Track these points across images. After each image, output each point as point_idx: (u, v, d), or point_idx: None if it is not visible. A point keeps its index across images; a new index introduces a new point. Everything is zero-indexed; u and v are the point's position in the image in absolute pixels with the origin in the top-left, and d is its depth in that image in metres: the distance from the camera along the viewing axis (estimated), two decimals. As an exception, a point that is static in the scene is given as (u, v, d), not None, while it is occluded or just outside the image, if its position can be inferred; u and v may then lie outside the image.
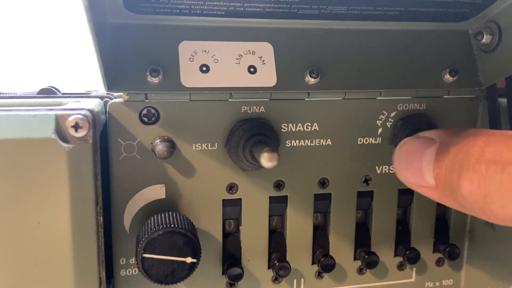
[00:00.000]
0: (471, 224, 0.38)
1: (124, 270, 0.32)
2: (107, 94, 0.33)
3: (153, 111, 0.31)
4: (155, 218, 0.30)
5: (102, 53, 0.27)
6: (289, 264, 0.34)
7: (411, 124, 0.34)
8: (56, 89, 0.33)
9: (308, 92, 0.33)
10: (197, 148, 0.32)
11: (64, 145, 0.26)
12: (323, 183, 0.35)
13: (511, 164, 0.19)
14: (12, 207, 0.26)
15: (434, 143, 0.23)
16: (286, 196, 0.34)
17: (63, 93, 0.34)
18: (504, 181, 0.19)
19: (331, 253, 0.35)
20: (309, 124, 0.34)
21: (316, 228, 0.36)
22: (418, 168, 0.24)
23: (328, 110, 0.34)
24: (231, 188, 0.33)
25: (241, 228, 0.34)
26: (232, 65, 0.32)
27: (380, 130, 0.35)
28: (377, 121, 0.35)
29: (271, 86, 0.32)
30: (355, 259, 0.37)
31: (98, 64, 0.27)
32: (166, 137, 0.31)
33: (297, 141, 0.34)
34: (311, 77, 0.32)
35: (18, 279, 0.27)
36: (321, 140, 0.34)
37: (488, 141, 0.21)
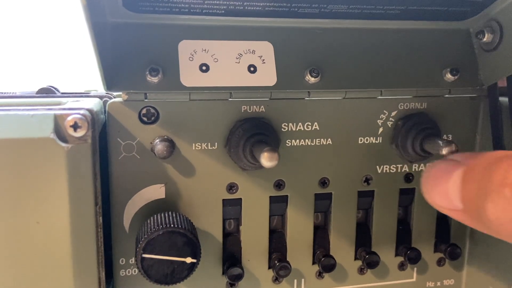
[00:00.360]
0: (472, 224, 0.38)
1: (123, 270, 0.32)
2: (106, 93, 0.33)
3: (152, 110, 0.31)
4: (155, 218, 0.30)
5: (101, 53, 0.27)
6: (289, 264, 0.34)
7: (412, 124, 0.34)
8: (55, 88, 0.33)
9: (309, 92, 0.33)
10: (197, 148, 0.32)
11: (63, 144, 0.26)
12: (323, 182, 0.35)
13: None
14: (11, 207, 0.26)
15: (460, 166, 0.23)
16: (287, 195, 0.34)
17: (62, 93, 0.33)
18: None
19: (331, 253, 0.35)
20: (310, 124, 0.34)
21: (316, 228, 0.35)
22: (444, 191, 0.24)
23: (328, 109, 0.34)
24: (231, 187, 0.33)
25: (241, 228, 0.34)
26: (232, 64, 0.32)
27: (380, 129, 0.35)
28: (378, 121, 0.35)
29: (271, 85, 0.32)
30: (355, 259, 0.36)
31: (97, 63, 0.27)
32: (165, 137, 0.31)
33: (298, 140, 0.34)
34: (312, 76, 0.32)
35: (17, 279, 0.27)
36: (322, 139, 0.34)
37: (511, 164, 0.21)
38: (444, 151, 0.28)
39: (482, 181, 0.21)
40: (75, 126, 0.26)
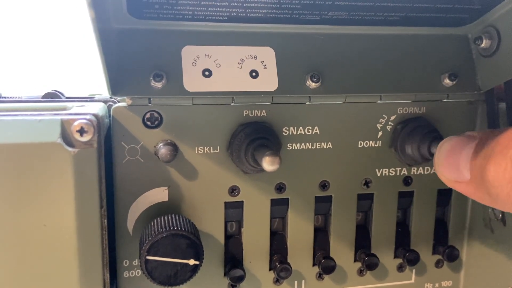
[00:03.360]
0: (470, 226, 0.39)
1: (127, 271, 0.33)
2: (110, 98, 0.33)
3: (156, 115, 0.31)
4: (158, 220, 0.30)
5: (106, 58, 0.27)
6: (290, 266, 0.34)
7: (410, 128, 0.35)
8: (60, 93, 0.34)
9: (309, 96, 0.33)
10: (199, 152, 0.32)
11: (70, 149, 0.26)
12: (323, 185, 0.35)
13: None
14: (19, 210, 0.27)
15: (474, 139, 0.24)
16: (287, 198, 0.35)
17: (67, 97, 0.34)
18: None
19: (331, 255, 0.36)
20: (310, 128, 0.34)
21: (316, 230, 0.36)
22: (455, 163, 0.24)
23: (328, 114, 0.34)
24: (233, 190, 0.34)
25: (242, 230, 0.35)
26: (234, 70, 0.32)
27: (380, 133, 0.36)
28: (377, 125, 0.35)
29: (273, 90, 0.32)
30: (355, 260, 0.37)
31: (102, 69, 0.28)
32: (169, 141, 0.32)
33: (298, 144, 0.34)
34: (312, 81, 0.33)
35: (24, 280, 0.28)
36: (322, 143, 0.35)
37: None
38: None
39: (489, 146, 0.22)
40: (81, 131, 0.26)
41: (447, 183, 0.25)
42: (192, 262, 0.29)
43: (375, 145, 0.36)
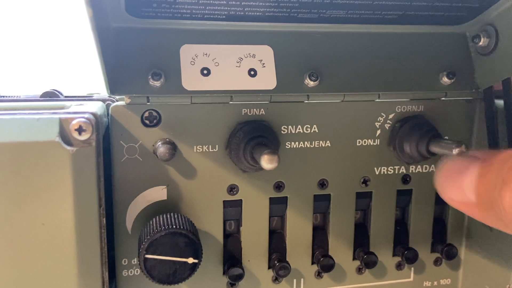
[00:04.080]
0: (468, 224, 0.39)
1: (126, 270, 0.33)
2: (109, 97, 0.33)
3: (154, 113, 0.31)
4: (157, 219, 0.30)
5: (104, 57, 0.27)
6: (289, 264, 0.34)
7: (409, 126, 0.35)
8: (58, 92, 0.34)
9: (308, 95, 0.33)
10: (198, 150, 0.32)
11: (68, 148, 0.26)
12: (322, 184, 0.35)
13: None
14: (17, 208, 0.27)
15: (477, 160, 0.23)
16: (286, 197, 0.35)
17: (65, 96, 0.34)
18: None
19: (330, 253, 0.36)
20: (309, 126, 0.34)
21: (315, 229, 0.36)
22: (459, 185, 0.24)
23: (327, 112, 0.34)
24: (232, 189, 0.34)
25: (241, 228, 0.35)
26: (232, 68, 0.32)
27: (378, 132, 0.36)
28: (376, 123, 0.35)
29: (271, 89, 0.32)
30: (354, 259, 0.37)
31: (101, 68, 0.28)
32: (167, 140, 0.32)
33: (297, 143, 0.34)
34: (311, 80, 0.33)
35: (22, 279, 0.28)
36: (321, 141, 0.35)
37: None
38: (455, 151, 0.29)
39: (500, 172, 0.21)
40: (79, 130, 0.26)
41: (450, 203, 0.25)
42: (191, 260, 0.29)
43: (374, 144, 0.36)
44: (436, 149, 0.32)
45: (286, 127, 0.34)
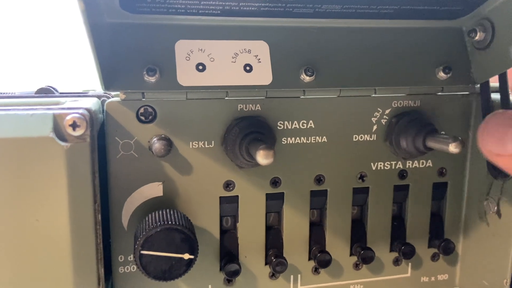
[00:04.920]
0: (465, 219, 0.39)
1: (122, 267, 0.33)
2: (104, 93, 0.33)
3: (150, 109, 0.31)
4: (153, 215, 0.30)
5: (99, 53, 0.27)
6: (286, 260, 0.34)
7: (405, 121, 0.35)
8: (53, 88, 0.34)
9: (304, 90, 0.33)
10: (194, 146, 0.32)
11: (62, 143, 0.26)
12: (319, 179, 0.35)
13: None
14: (11, 205, 0.27)
15: None
16: (283, 193, 0.35)
17: (60, 93, 0.34)
18: None
19: (327, 249, 0.36)
20: (305, 122, 0.34)
21: (312, 225, 0.36)
22: (501, 137, 0.24)
23: (323, 107, 0.34)
24: (228, 185, 0.33)
25: (238, 225, 0.34)
26: (228, 64, 0.32)
27: (375, 127, 0.35)
28: (372, 118, 0.35)
29: (267, 84, 0.32)
30: (351, 254, 0.37)
31: (95, 63, 0.28)
32: (163, 136, 0.31)
33: (293, 138, 0.34)
34: (306, 75, 0.33)
35: (17, 276, 0.28)
36: (317, 137, 0.34)
37: None
38: (452, 147, 0.29)
39: None
40: (74, 125, 0.26)
41: (488, 155, 0.25)
42: (186, 256, 0.29)
43: (370, 139, 0.36)
44: (433, 144, 0.32)
45: (282, 122, 0.34)
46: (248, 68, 0.32)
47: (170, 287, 0.34)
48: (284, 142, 0.34)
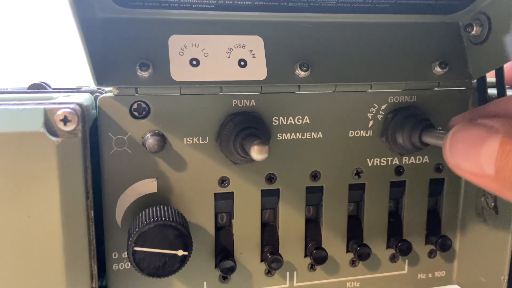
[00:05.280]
0: (462, 216, 0.39)
1: (116, 264, 0.32)
2: (97, 89, 0.33)
3: (143, 105, 0.31)
4: (146, 211, 0.30)
5: (90, 48, 0.27)
6: (281, 257, 0.34)
7: (401, 117, 0.34)
8: (46, 84, 0.33)
9: (299, 85, 0.33)
10: (188, 142, 0.32)
11: (53, 139, 0.26)
12: (314, 176, 0.35)
13: None
14: (2, 200, 0.26)
15: (497, 132, 0.23)
16: (278, 189, 0.34)
17: (53, 89, 0.34)
18: None
19: (323, 246, 0.36)
20: (300, 117, 0.34)
21: (308, 221, 0.36)
22: (475, 157, 0.23)
23: (318, 103, 0.34)
24: (223, 181, 0.33)
25: (233, 221, 0.34)
26: (222, 59, 0.32)
27: (371, 123, 0.35)
28: (368, 114, 0.35)
29: (262, 79, 0.32)
30: (347, 251, 0.37)
31: (86, 58, 0.27)
32: (156, 131, 0.31)
33: (288, 134, 0.34)
34: (302, 70, 0.32)
35: (7, 272, 0.27)
36: (312, 133, 0.34)
37: None
38: None
39: None
40: (65, 120, 0.26)
41: (461, 174, 0.24)
42: (180, 252, 0.29)
43: (366, 135, 0.35)
44: (429, 140, 0.32)
45: (277, 118, 0.33)
46: (242, 63, 0.32)
47: (165, 284, 0.33)
48: (279, 138, 0.34)
